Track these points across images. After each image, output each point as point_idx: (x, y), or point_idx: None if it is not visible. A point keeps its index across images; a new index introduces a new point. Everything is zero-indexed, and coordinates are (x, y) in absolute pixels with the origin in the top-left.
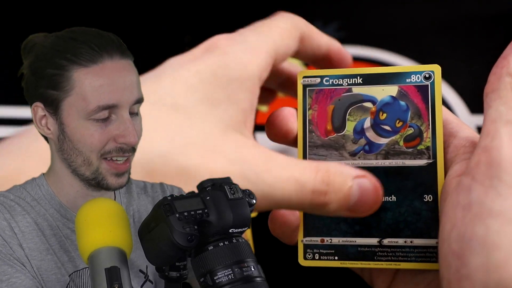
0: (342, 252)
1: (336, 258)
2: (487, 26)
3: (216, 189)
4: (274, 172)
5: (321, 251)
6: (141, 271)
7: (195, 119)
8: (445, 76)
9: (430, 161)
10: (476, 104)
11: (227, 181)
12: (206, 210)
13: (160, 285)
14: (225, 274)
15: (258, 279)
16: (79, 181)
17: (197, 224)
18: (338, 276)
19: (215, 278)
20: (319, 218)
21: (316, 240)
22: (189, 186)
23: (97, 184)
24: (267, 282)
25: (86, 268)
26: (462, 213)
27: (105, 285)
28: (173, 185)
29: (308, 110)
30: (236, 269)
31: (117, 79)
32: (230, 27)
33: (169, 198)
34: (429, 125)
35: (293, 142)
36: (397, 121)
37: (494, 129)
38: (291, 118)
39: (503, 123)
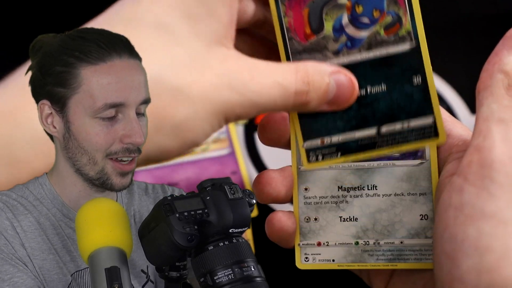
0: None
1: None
2: (487, 26)
3: (216, 189)
4: (258, 79)
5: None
6: (142, 271)
7: (179, 36)
8: (445, 76)
9: (413, 45)
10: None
11: (227, 181)
12: (206, 210)
13: (160, 285)
14: (225, 274)
15: (258, 279)
16: (82, 180)
17: (197, 224)
18: (338, 276)
19: (215, 278)
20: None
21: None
22: (185, 105)
23: (101, 184)
24: (267, 282)
25: (88, 268)
26: (454, 214)
27: (105, 285)
28: (174, 187)
29: (284, 18)
30: (236, 269)
31: (125, 78)
32: None
33: (169, 198)
34: (406, 9)
35: (287, 145)
36: (374, 11)
37: (486, 127)
38: (283, 122)
39: (495, 121)
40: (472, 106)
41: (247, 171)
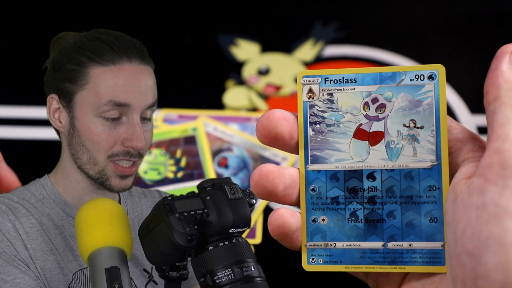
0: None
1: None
2: (487, 26)
3: (216, 189)
4: None
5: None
6: (145, 270)
7: None
8: (445, 76)
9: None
10: (476, 104)
11: (227, 181)
12: (206, 210)
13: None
14: (225, 274)
15: (258, 279)
16: (85, 178)
17: (197, 224)
18: (341, 278)
19: (215, 278)
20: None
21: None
22: None
23: (100, 184)
24: (267, 282)
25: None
26: (476, 213)
27: (105, 285)
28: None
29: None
30: (236, 269)
31: (132, 81)
32: (230, 27)
33: (169, 198)
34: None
35: (282, 146)
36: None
37: (504, 132)
38: (281, 121)
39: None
40: (472, 106)
41: None
